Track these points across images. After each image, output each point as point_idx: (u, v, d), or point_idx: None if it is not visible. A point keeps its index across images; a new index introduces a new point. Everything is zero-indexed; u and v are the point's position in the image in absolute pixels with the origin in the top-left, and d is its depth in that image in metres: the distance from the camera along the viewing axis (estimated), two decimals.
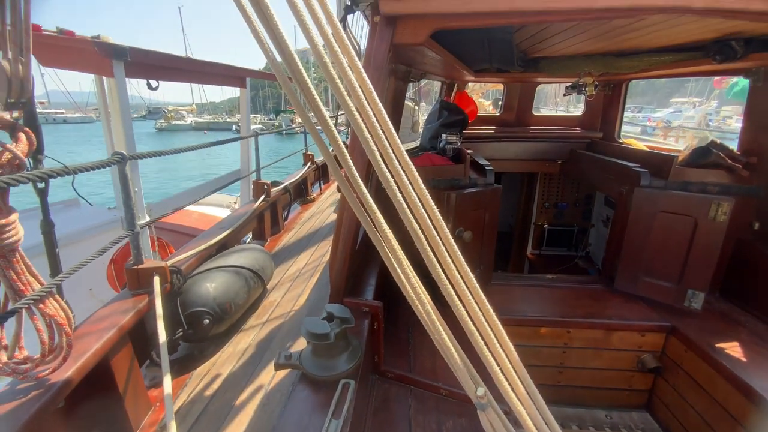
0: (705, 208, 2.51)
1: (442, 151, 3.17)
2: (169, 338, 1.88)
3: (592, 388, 2.82)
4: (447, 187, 2.82)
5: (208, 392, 1.90)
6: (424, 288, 1.02)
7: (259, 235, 4.10)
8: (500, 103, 5.10)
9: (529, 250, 5.32)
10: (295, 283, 3.11)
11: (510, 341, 1.04)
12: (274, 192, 4.32)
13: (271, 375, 1.98)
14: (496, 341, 1.03)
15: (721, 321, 2.62)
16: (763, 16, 1.48)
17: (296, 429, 1.22)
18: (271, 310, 2.67)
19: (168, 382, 1.45)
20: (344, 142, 0.97)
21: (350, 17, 1.65)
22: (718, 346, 2.36)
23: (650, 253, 2.80)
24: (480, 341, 0.99)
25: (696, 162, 2.78)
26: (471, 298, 0.97)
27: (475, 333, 0.98)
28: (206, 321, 2.09)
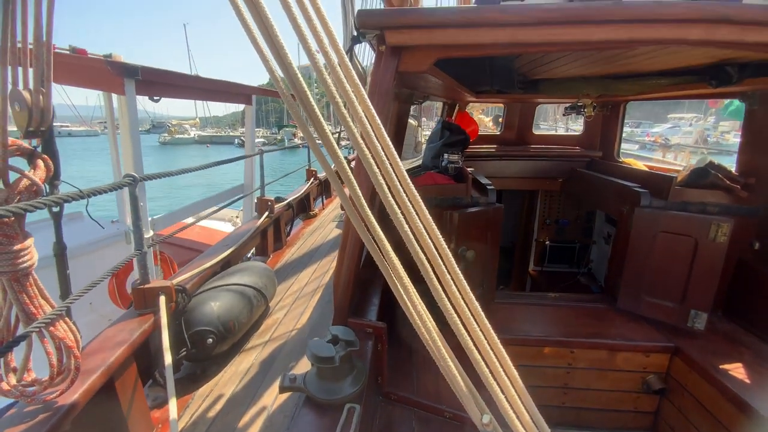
0: (705, 229, 2.53)
1: (445, 170, 3.21)
2: (174, 359, 1.88)
3: (597, 410, 2.78)
4: (449, 206, 2.85)
5: (211, 414, 1.89)
6: (428, 311, 1.03)
7: (262, 251, 4.11)
8: (500, 120, 5.18)
9: (531, 267, 5.32)
10: (298, 301, 3.11)
11: (514, 364, 1.05)
12: (278, 208, 4.36)
13: (274, 396, 1.97)
14: (499, 367, 1.04)
15: (724, 341, 2.61)
16: (758, 46, 1.53)
17: None
18: (274, 328, 2.67)
19: (173, 406, 1.46)
20: (346, 157, 1.00)
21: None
22: (722, 367, 2.35)
23: (652, 273, 2.81)
24: (484, 368, 1.00)
25: (695, 183, 2.82)
26: (475, 325, 0.99)
27: (480, 361, 1.00)
28: (210, 340, 2.10)
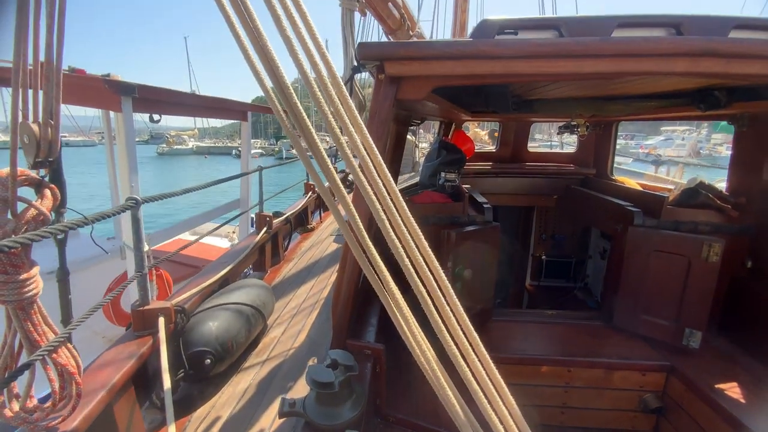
0: (698, 249, 2.58)
1: (442, 188, 3.26)
2: (172, 381, 1.88)
3: (596, 429, 2.78)
4: (447, 224, 2.89)
5: None
6: (426, 337, 1.06)
7: (260, 266, 4.12)
8: (496, 134, 5.28)
9: (528, 281, 5.34)
10: (296, 317, 3.11)
11: (511, 383, 1.07)
12: (276, 223, 4.38)
13: (272, 419, 1.97)
14: (492, 388, 1.05)
15: (719, 360, 2.63)
16: (743, 77, 1.60)
17: None
18: (272, 346, 2.67)
19: (172, 431, 1.46)
20: (343, 171, 1.03)
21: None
22: (717, 386, 2.37)
23: (647, 291, 2.84)
24: (478, 390, 1.01)
25: (686, 202, 2.88)
26: (470, 349, 1.01)
27: (474, 383, 1.01)
28: (208, 361, 2.10)
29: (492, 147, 6.64)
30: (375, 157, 1.01)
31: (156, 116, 3.92)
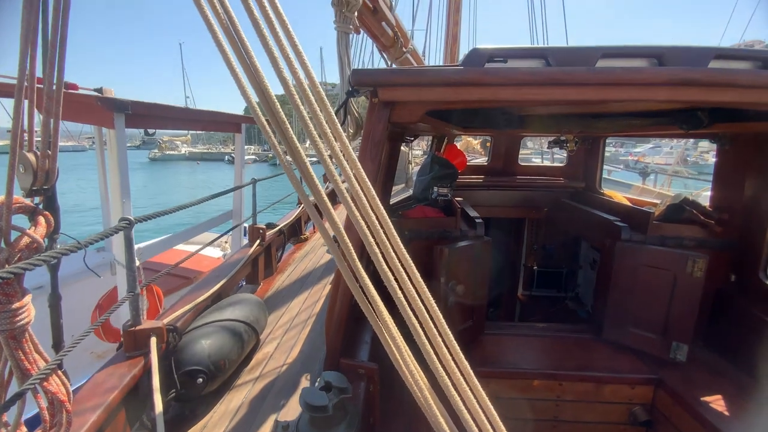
0: (682, 264, 2.64)
1: (435, 202, 3.30)
2: (163, 403, 1.87)
3: None
4: (439, 238, 2.93)
5: None
6: (417, 364, 1.07)
7: (253, 279, 4.11)
8: (488, 144, 5.35)
9: (520, 291, 5.39)
10: (289, 332, 3.10)
11: (504, 401, 1.09)
12: (269, 235, 4.37)
13: None
14: (477, 405, 1.07)
15: (706, 373, 2.68)
16: (722, 103, 1.67)
17: None
18: (265, 363, 2.66)
19: None
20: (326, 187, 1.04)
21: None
22: (703, 399, 2.41)
23: (635, 305, 2.89)
24: (463, 410, 1.03)
25: (671, 218, 2.95)
26: (466, 388, 1.03)
27: (460, 403, 1.02)
28: (200, 380, 2.08)
29: (484, 156, 6.73)
30: (367, 189, 1.04)
31: (150, 130, 3.91)
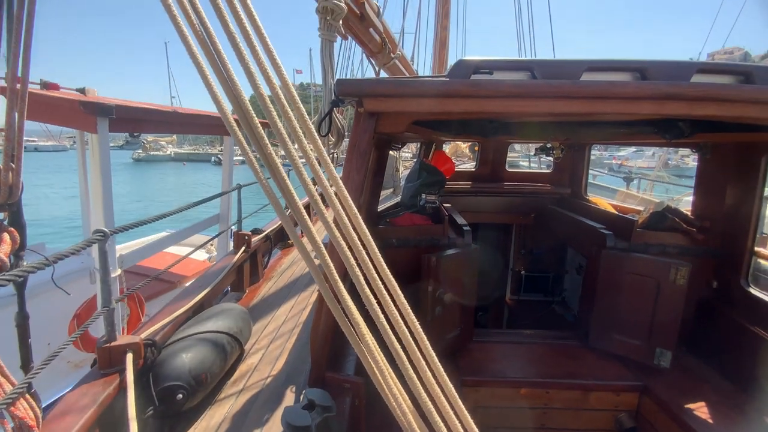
0: (666, 272, 2.68)
1: (422, 209, 3.29)
2: (141, 420, 1.80)
3: None
4: (427, 247, 2.91)
5: None
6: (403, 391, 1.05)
7: (238, 286, 4.02)
8: (476, 149, 5.37)
9: (508, 296, 5.42)
10: (274, 342, 3.04)
11: (492, 410, 1.06)
12: (255, 241, 4.30)
13: None
14: (456, 420, 1.04)
15: (689, 379, 2.72)
16: (704, 116, 1.69)
17: None
18: (249, 375, 2.60)
19: None
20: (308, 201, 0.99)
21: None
22: (687, 407, 2.44)
23: (620, 312, 2.92)
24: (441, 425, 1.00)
25: (654, 226, 2.99)
26: (452, 415, 1.01)
27: (438, 419, 1.00)
28: (180, 396, 2.02)
29: (472, 160, 6.76)
30: (353, 214, 1.00)
31: (132, 132, 3.80)
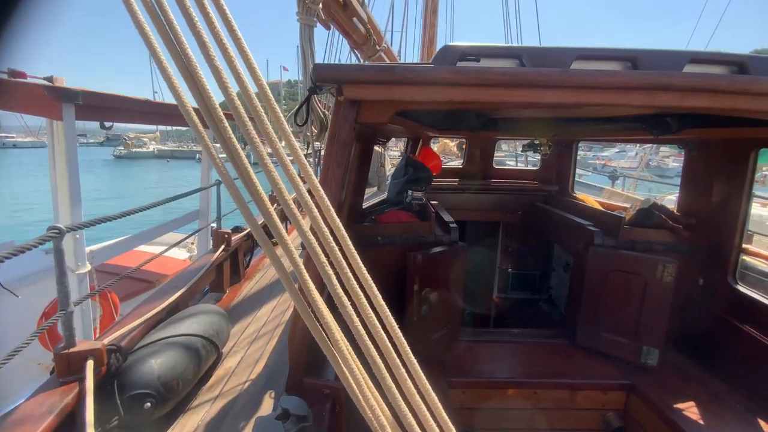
0: (653, 269, 2.65)
1: (409, 206, 3.20)
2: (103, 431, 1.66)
3: None
4: (413, 245, 2.82)
5: None
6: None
7: (218, 286, 3.87)
8: (464, 147, 5.32)
9: (495, 293, 5.39)
10: (254, 344, 2.91)
11: (479, 412, 0.99)
12: (236, 240, 4.14)
13: None
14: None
15: (677, 378, 2.70)
16: (695, 109, 1.64)
17: None
18: (226, 380, 2.47)
19: None
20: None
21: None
22: (675, 406, 2.42)
23: (608, 310, 2.89)
24: None
25: (641, 222, 2.97)
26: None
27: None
28: (148, 404, 1.88)
29: (460, 158, 6.72)
30: (331, 218, 0.90)
31: (107, 123, 3.61)
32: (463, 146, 5.65)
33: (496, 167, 4.87)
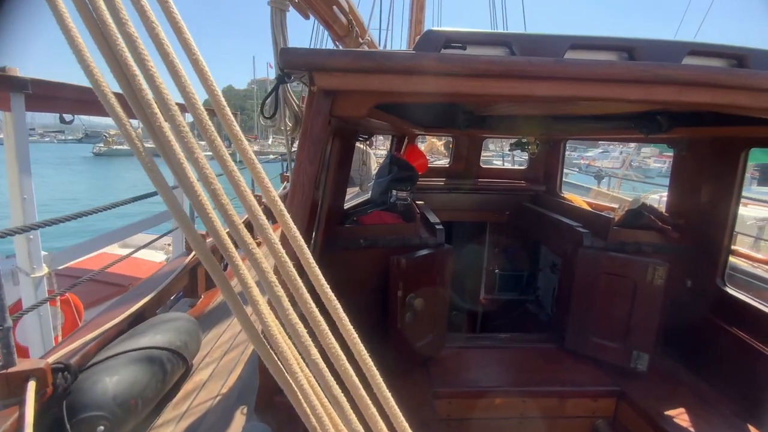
0: (643, 271, 2.58)
1: (393, 206, 3.06)
2: None
3: None
4: (397, 247, 2.69)
5: None
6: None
7: (192, 291, 3.66)
8: (451, 146, 5.22)
9: (482, 294, 5.31)
10: (228, 354, 2.73)
11: (466, 423, 0.85)
12: (211, 241, 3.93)
13: None
14: None
15: (666, 383, 2.64)
16: (693, 105, 1.55)
17: None
18: (195, 395, 2.29)
19: None
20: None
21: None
22: (665, 413, 2.35)
23: (597, 313, 2.81)
24: None
25: (630, 223, 2.91)
26: None
27: None
28: (101, 428, 1.69)
29: (447, 158, 6.62)
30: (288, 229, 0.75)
31: (67, 116, 3.37)
32: (450, 146, 5.55)
33: (484, 167, 4.78)
